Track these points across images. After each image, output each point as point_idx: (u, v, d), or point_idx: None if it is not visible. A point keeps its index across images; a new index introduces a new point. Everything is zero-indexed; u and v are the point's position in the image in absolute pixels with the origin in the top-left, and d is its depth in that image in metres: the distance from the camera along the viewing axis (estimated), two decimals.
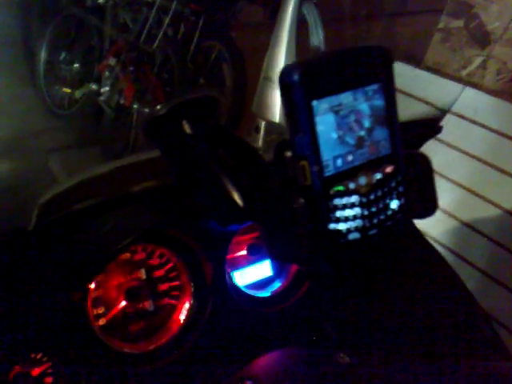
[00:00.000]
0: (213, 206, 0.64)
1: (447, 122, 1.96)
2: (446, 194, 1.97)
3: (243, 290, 0.82)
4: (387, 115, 0.55)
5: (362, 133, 0.54)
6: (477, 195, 1.90)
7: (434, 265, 0.92)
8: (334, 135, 0.52)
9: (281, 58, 1.65)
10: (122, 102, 2.28)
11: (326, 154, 0.52)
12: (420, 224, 0.67)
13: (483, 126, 1.88)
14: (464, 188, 1.93)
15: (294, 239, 0.55)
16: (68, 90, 2.54)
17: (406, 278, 0.84)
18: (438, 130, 0.83)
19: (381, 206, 0.55)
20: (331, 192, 0.52)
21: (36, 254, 0.65)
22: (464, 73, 2.02)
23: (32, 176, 2.34)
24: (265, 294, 0.84)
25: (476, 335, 0.83)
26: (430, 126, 0.85)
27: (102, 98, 2.37)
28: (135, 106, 2.24)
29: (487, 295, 1.86)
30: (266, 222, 0.59)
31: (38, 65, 2.61)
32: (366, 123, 0.54)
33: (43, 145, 2.52)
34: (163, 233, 0.74)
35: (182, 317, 0.76)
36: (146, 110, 2.23)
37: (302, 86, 0.49)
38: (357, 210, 0.54)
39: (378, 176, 0.55)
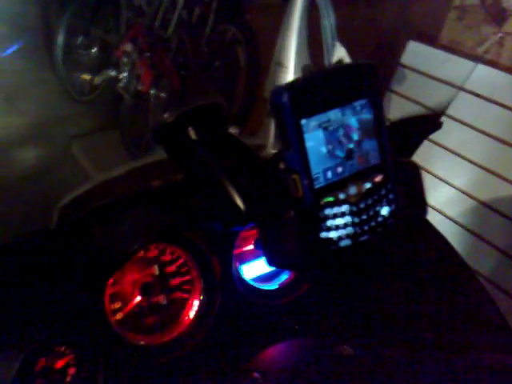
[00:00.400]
0: (216, 209, 0.68)
1: (463, 101, 1.94)
2: (462, 173, 1.96)
3: (251, 283, 0.85)
4: (375, 127, 0.57)
5: (351, 145, 0.56)
6: (493, 174, 1.89)
7: (440, 253, 0.93)
8: (324, 149, 0.55)
9: (292, 42, 1.66)
10: (139, 88, 2.31)
11: (316, 168, 0.55)
12: (437, 204, 0.68)
13: (500, 104, 1.86)
14: (480, 167, 1.92)
15: (287, 247, 0.59)
16: (87, 77, 2.57)
17: (412, 267, 0.86)
18: (438, 125, 0.84)
19: (371, 213, 0.58)
20: (322, 203, 0.56)
21: (58, 253, 0.69)
22: (480, 50, 1.99)
23: (56, 162, 2.41)
24: (272, 286, 0.88)
25: (484, 325, 0.84)
26: (430, 122, 0.86)
27: (120, 85, 2.39)
28: (152, 92, 2.26)
29: (505, 274, 1.87)
30: (264, 227, 0.63)
31: (57, 50, 2.64)
32: (355, 136, 0.56)
33: (66, 131, 2.58)
34: (174, 232, 0.79)
35: (193, 310, 0.80)
36: (163, 95, 2.25)
37: (291, 107, 0.52)
38: (347, 219, 0.57)
39: (368, 185, 0.58)
